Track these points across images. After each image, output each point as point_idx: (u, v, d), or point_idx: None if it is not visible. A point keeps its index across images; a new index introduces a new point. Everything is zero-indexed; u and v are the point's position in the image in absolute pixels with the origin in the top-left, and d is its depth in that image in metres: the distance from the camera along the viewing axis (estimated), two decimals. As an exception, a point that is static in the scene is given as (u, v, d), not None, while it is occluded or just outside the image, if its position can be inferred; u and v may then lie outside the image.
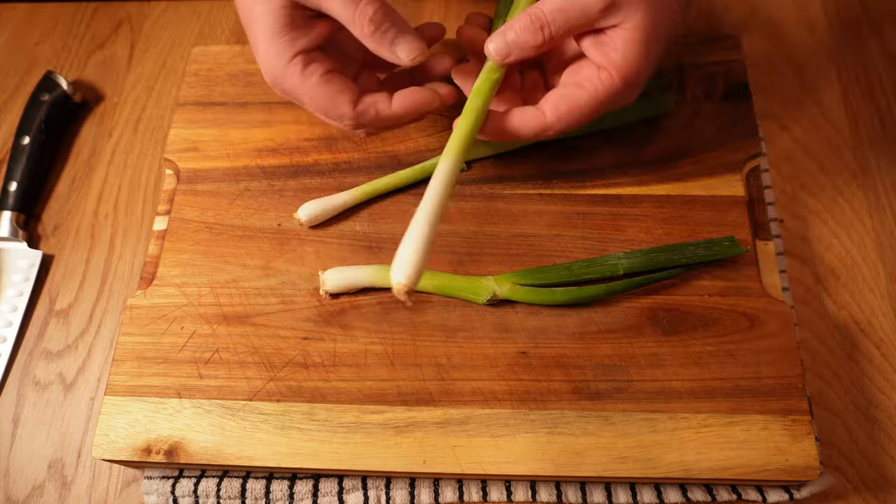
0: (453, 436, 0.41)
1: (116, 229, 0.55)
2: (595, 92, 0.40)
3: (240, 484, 0.44)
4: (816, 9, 0.61)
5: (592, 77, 0.40)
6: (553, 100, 0.41)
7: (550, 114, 0.40)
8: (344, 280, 0.45)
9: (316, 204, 0.48)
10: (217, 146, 0.52)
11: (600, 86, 0.40)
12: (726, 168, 0.49)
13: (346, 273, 0.46)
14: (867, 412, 0.45)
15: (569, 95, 0.41)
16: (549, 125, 0.41)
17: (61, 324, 0.52)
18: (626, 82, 0.40)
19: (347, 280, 0.45)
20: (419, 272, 0.35)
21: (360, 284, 0.46)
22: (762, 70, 0.58)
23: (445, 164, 0.39)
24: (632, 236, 0.47)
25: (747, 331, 0.43)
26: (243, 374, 0.44)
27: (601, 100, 0.40)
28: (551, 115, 0.40)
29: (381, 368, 0.44)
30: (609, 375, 0.43)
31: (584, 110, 0.40)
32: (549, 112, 0.41)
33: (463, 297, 0.45)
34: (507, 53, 0.40)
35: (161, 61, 0.63)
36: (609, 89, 0.40)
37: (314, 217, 0.48)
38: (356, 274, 0.45)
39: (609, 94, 0.40)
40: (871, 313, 0.48)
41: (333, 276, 0.45)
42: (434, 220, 0.36)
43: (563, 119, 0.40)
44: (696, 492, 0.42)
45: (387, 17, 0.40)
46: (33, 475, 0.47)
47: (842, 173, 0.53)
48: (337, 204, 0.48)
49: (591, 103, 0.40)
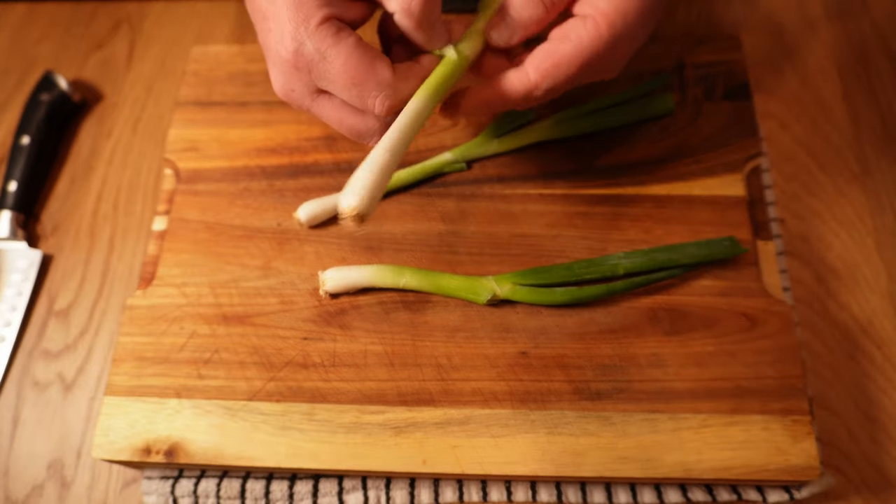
0: (453, 436, 0.41)
1: (116, 229, 0.55)
2: (579, 42, 0.37)
3: (239, 484, 0.44)
4: (816, 9, 0.61)
5: (577, 27, 0.37)
6: (536, 57, 0.38)
7: (534, 72, 0.37)
8: (343, 280, 0.45)
9: (315, 204, 0.48)
10: (217, 146, 0.52)
11: (585, 35, 0.36)
12: (726, 168, 0.49)
13: (346, 273, 0.46)
14: (868, 412, 0.45)
15: (552, 50, 0.37)
16: (534, 84, 0.38)
17: (61, 324, 0.52)
18: (613, 30, 0.36)
19: (347, 280, 0.45)
20: (373, 196, 0.33)
21: (359, 284, 0.45)
22: (762, 70, 0.58)
23: (416, 101, 0.36)
24: (632, 236, 0.47)
25: (748, 331, 0.43)
26: (243, 375, 0.44)
27: (587, 51, 0.36)
28: (534, 74, 0.37)
29: (381, 369, 0.44)
30: (609, 375, 0.42)
31: (570, 64, 0.37)
32: (531, 71, 0.37)
33: (463, 297, 0.45)
34: (510, 36, 0.38)
35: (160, 61, 0.63)
36: (594, 38, 0.36)
37: (314, 217, 0.48)
38: (356, 274, 0.45)
39: (595, 44, 0.36)
40: (871, 313, 0.48)
41: (333, 276, 0.45)
42: (394, 148, 0.34)
43: (549, 75, 0.37)
44: (697, 492, 0.42)
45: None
46: (33, 475, 0.47)
47: (842, 173, 0.53)
48: (337, 203, 0.48)
49: (577, 55, 0.37)
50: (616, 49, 0.38)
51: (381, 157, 0.34)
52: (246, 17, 0.65)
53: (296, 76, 0.36)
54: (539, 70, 0.37)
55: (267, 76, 0.55)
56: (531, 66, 0.38)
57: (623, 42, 0.38)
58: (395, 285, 0.45)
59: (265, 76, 0.55)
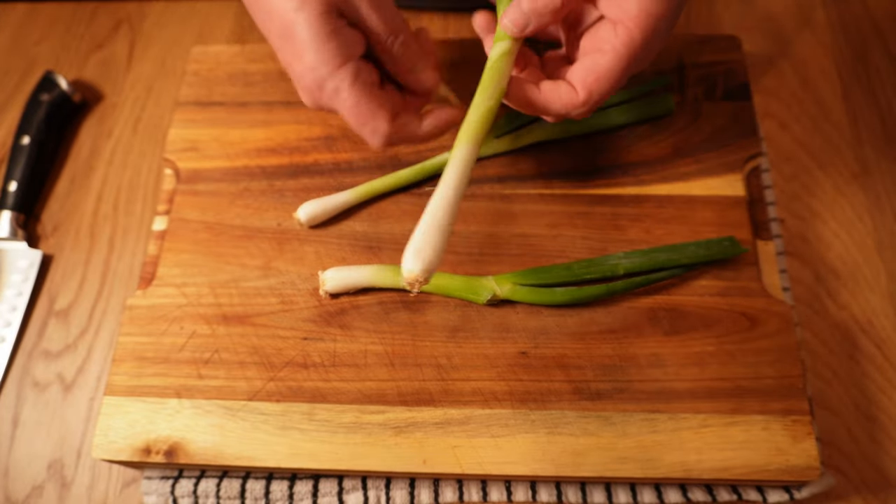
0: (453, 436, 0.41)
1: (116, 229, 0.55)
2: (616, 53, 0.38)
3: (239, 484, 0.44)
4: (816, 9, 0.61)
5: (610, 37, 0.38)
6: (579, 74, 0.39)
7: (581, 89, 0.39)
8: (344, 280, 0.45)
9: (315, 204, 0.48)
10: (217, 146, 0.52)
11: (619, 44, 0.37)
12: (726, 168, 0.49)
13: (346, 273, 0.46)
14: (868, 412, 0.45)
15: (592, 65, 0.38)
16: (582, 100, 0.39)
17: (61, 324, 0.52)
18: (644, 34, 0.37)
19: (347, 280, 0.45)
20: (437, 260, 0.33)
21: (360, 285, 0.45)
22: (762, 70, 0.58)
23: (463, 149, 0.36)
24: (632, 236, 0.47)
25: (747, 331, 0.43)
26: (243, 375, 0.44)
27: (625, 59, 0.38)
28: (582, 91, 0.39)
29: (381, 368, 0.44)
30: (609, 375, 0.42)
31: (611, 75, 0.38)
32: (579, 87, 0.39)
33: (463, 297, 0.45)
34: (524, 24, 0.39)
35: (160, 61, 0.63)
36: (630, 45, 0.37)
37: (314, 217, 0.48)
38: (356, 274, 0.45)
39: (631, 50, 0.38)
40: (871, 313, 0.48)
41: (333, 276, 0.45)
42: (452, 206, 0.34)
43: (595, 90, 0.38)
44: (697, 492, 0.42)
45: (416, 39, 0.41)
46: (33, 475, 0.47)
47: (842, 173, 0.53)
48: (337, 203, 0.48)
49: (616, 65, 0.38)
50: (650, 49, 0.39)
51: (442, 217, 0.34)
52: (246, 18, 0.65)
53: (318, 94, 0.40)
54: (585, 86, 0.39)
55: (267, 76, 0.55)
56: (578, 83, 0.39)
57: (655, 41, 0.39)
58: (395, 285, 0.45)
59: (265, 76, 0.55)
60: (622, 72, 0.38)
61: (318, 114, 0.53)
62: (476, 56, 0.55)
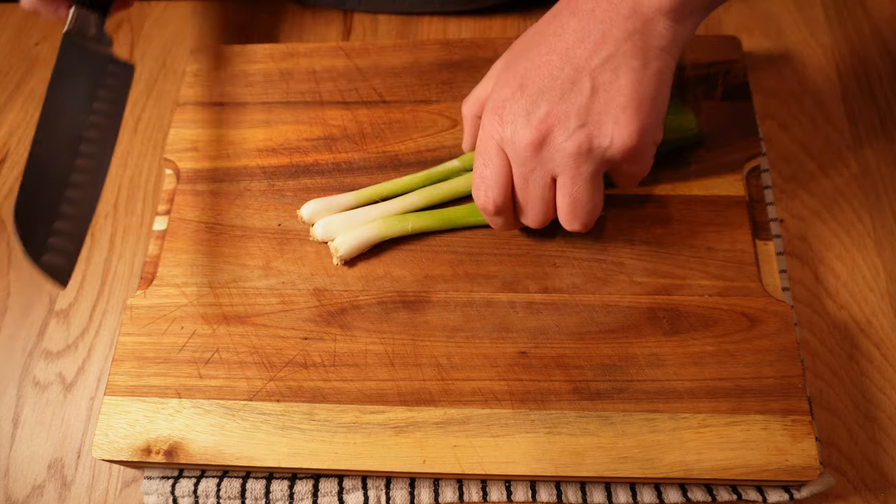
0: (453, 436, 0.41)
1: (116, 229, 0.55)
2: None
3: (240, 484, 0.44)
4: (816, 9, 0.61)
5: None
6: None
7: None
8: (355, 241, 0.46)
9: (319, 203, 0.48)
10: (217, 146, 0.52)
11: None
12: (726, 168, 0.49)
13: (355, 234, 0.46)
14: (867, 412, 0.45)
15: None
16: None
17: (61, 324, 0.52)
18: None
19: (358, 241, 0.46)
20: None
21: (371, 241, 0.47)
22: (762, 70, 0.58)
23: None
24: (632, 236, 0.47)
25: (747, 331, 0.43)
26: (243, 374, 0.44)
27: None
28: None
29: (381, 368, 0.44)
30: (609, 375, 0.43)
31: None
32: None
33: (471, 222, 0.47)
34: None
35: (161, 61, 0.63)
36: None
37: (316, 213, 0.48)
38: (366, 231, 0.46)
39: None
40: (871, 313, 0.48)
41: (343, 240, 0.46)
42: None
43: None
44: (697, 492, 0.42)
45: None
46: (33, 475, 0.47)
47: (842, 173, 0.53)
48: (341, 203, 0.48)
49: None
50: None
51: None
52: (247, 18, 0.65)
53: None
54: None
55: (267, 76, 0.55)
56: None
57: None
58: (404, 232, 0.47)
59: (265, 76, 0.55)
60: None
61: (318, 114, 0.53)
62: (476, 56, 0.55)
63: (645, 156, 0.40)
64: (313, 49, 0.56)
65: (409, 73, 0.55)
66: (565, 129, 0.38)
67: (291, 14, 0.65)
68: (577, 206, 0.40)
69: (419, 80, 0.54)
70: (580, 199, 0.40)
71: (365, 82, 0.55)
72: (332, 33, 0.64)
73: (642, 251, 0.46)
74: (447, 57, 0.55)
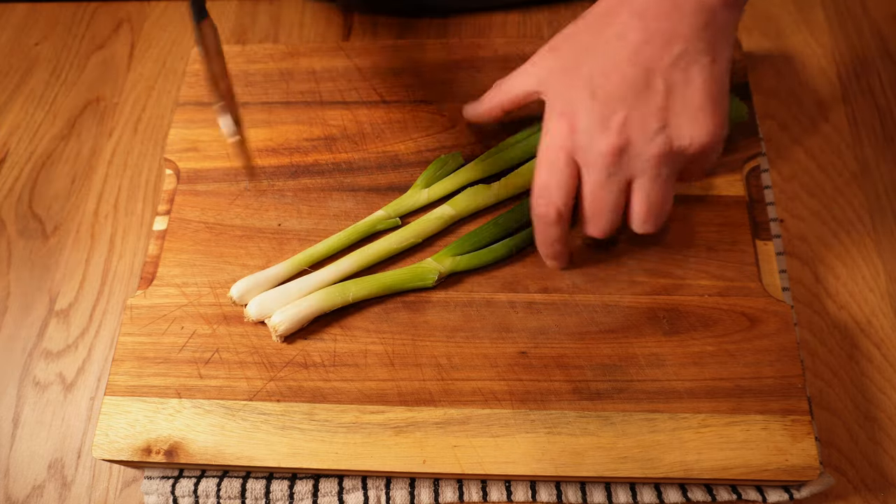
0: (453, 436, 0.41)
1: (116, 229, 0.55)
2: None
3: (240, 484, 0.44)
4: (816, 9, 0.61)
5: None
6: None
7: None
8: (295, 318, 0.43)
9: (248, 280, 0.45)
10: (217, 146, 0.52)
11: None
12: (726, 168, 0.49)
13: (294, 311, 0.43)
14: (867, 412, 0.45)
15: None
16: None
17: (61, 324, 0.52)
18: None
19: (297, 317, 0.44)
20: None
21: (310, 316, 0.44)
22: (762, 70, 0.58)
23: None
24: (633, 236, 0.47)
25: (747, 331, 0.43)
26: (243, 374, 0.44)
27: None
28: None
29: (381, 368, 0.44)
30: (609, 375, 0.43)
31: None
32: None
33: (412, 286, 0.45)
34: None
35: (161, 61, 0.63)
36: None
37: (247, 293, 0.45)
38: (304, 307, 0.44)
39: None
40: (871, 313, 0.48)
41: (281, 318, 0.43)
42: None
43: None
44: (696, 492, 0.42)
45: None
46: (33, 475, 0.47)
47: (841, 173, 0.53)
48: (271, 277, 0.45)
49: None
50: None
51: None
52: (247, 18, 0.65)
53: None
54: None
55: (267, 76, 0.55)
56: None
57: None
58: (345, 302, 0.45)
59: (265, 76, 0.55)
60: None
61: (318, 114, 0.53)
62: (476, 56, 0.55)
63: (718, 150, 0.39)
64: (313, 49, 0.56)
65: (409, 73, 0.55)
66: (645, 134, 0.37)
67: (291, 14, 0.65)
68: (654, 208, 0.40)
69: (419, 80, 0.54)
70: (657, 201, 0.39)
71: (365, 82, 0.55)
72: (332, 33, 0.64)
73: (642, 251, 0.46)
74: (447, 57, 0.55)
